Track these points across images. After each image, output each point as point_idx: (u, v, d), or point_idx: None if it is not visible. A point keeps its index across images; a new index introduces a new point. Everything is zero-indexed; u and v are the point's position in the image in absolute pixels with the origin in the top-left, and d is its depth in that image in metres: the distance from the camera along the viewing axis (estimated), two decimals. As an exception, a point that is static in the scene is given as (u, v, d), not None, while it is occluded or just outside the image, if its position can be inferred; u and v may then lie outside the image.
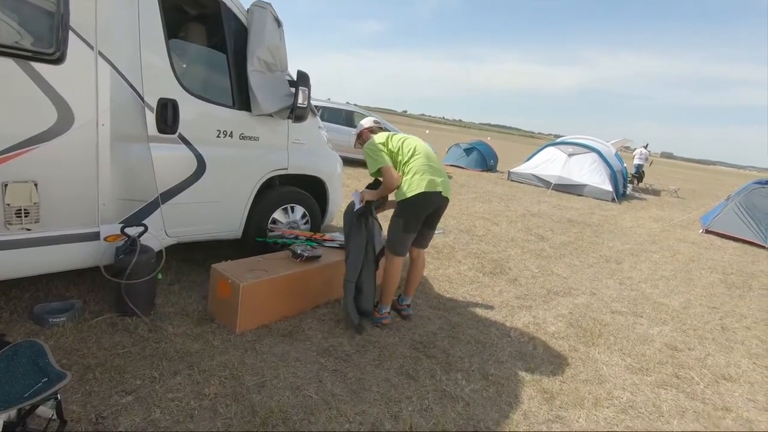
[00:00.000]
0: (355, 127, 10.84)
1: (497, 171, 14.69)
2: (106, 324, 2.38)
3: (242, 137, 3.00)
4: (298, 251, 2.88)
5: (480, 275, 4.17)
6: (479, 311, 3.33)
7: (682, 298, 4.39)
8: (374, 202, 2.86)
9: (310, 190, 3.64)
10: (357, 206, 2.79)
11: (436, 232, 2.96)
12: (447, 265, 4.30)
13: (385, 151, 2.76)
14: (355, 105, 12.26)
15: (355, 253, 2.70)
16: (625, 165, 12.96)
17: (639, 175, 15.23)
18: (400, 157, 2.74)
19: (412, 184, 2.64)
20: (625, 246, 6.41)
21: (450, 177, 2.84)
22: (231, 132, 2.92)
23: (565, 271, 4.73)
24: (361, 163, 10.65)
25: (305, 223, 3.65)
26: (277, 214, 3.43)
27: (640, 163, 15.44)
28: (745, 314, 4.20)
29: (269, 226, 3.37)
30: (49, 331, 2.22)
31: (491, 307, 3.44)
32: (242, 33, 2.89)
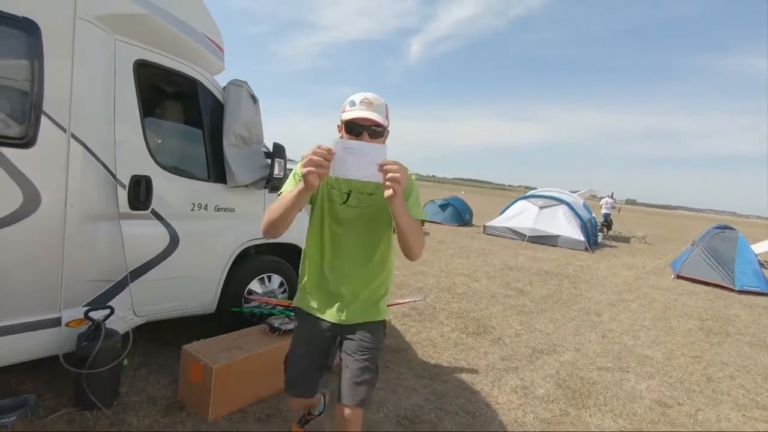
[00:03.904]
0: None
1: (473, 225, 14.97)
2: (63, 421, 2.16)
3: (217, 209, 2.97)
4: (276, 324, 2.77)
5: (463, 336, 4.08)
6: (465, 377, 3.22)
7: (665, 349, 4.39)
8: None
9: (288, 258, 3.58)
10: None
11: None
12: (429, 327, 4.20)
13: None
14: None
15: None
16: (593, 214, 13.47)
17: (608, 223, 15.81)
18: None
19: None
20: (603, 296, 6.48)
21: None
22: (206, 204, 2.90)
23: (548, 326, 4.70)
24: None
25: (283, 292, 3.55)
26: (254, 285, 3.33)
27: (608, 212, 16.10)
28: (727, 362, 4.22)
29: (245, 296, 3.26)
30: (-5, 434, 2.00)
31: (477, 372, 3.33)
32: (218, 109, 2.96)
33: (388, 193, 1.29)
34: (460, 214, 14.88)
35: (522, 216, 12.31)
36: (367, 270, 1.62)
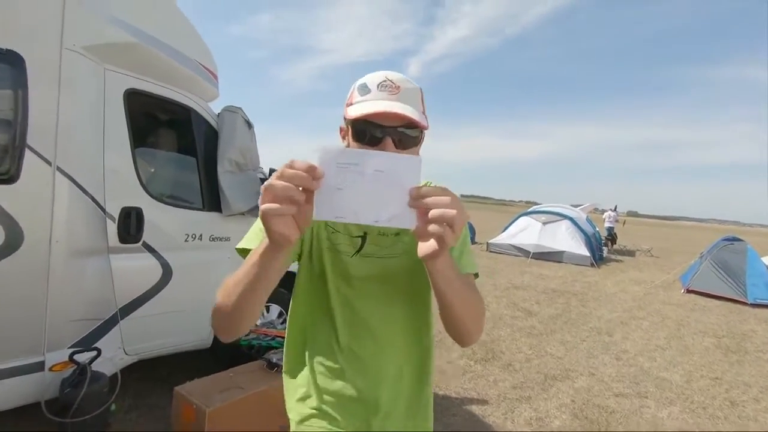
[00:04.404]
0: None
1: (476, 242, 14.80)
2: (44, 475, 2.00)
3: (212, 239, 2.86)
4: (274, 360, 2.62)
5: (472, 363, 3.91)
6: (476, 409, 3.05)
7: (682, 370, 4.20)
8: None
9: (287, 286, 3.45)
10: None
11: None
12: (437, 354, 4.01)
13: None
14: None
15: None
16: (597, 228, 13.32)
17: (612, 237, 15.64)
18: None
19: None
20: (613, 314, 6.29)
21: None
22: (200, 234, 2.79)
23: (559, 349, 4.52)
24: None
25: (282, 323, 3.41)
26: (251, 316, 3.20)
27: (611, 225, 15.95)
28: (749, 383, 4.02)
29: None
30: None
31: (488, 402, 3.16)
32: (213, 136, 2.89)
33: (427, 248, 0.66)
34: (463, 232, 14.74)
35: (525, 232, 12.16)
36: (408, 355, 0.98)
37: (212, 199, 2.85)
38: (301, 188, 0.62)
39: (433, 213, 0.62)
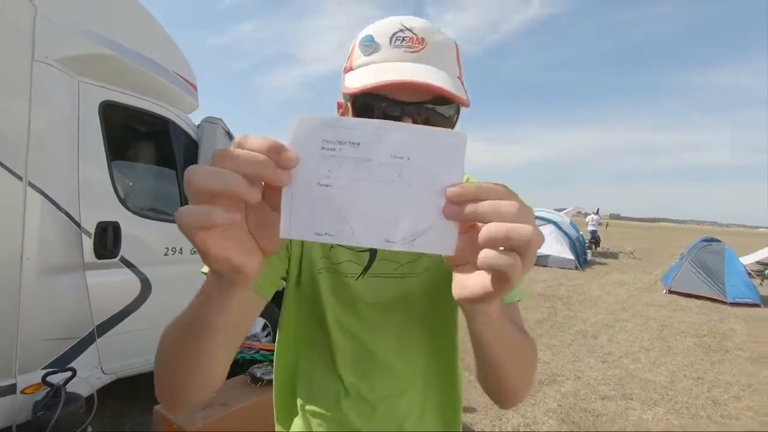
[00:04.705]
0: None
1: (462, 248, 14.88)
2: (16, 504, 1.92)
3: (193, 252, 2.81)
4: (258, 374, 2.57)
5: (459, 371, 3.90)
6: (464, 417, 3.03)
7: (666, 371, 4.27)
8: None
9: (276, 301, 3.41)
10: None
11: None
12: (424, 363, 4.02)
13: None
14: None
15: None
16: (581, 232, 13.53)
17: (595, 240, 15.90)
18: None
19: None
20: (598, 317, 6.36)
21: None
22: (180, 248, 2.74)
23: (545, 354, 4.55)
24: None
25: (266, 336, 3.36)
26: (235, 330, 3.14)
27: (594, 228, 16.23)
28: (730, 381, 4.10)
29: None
30: None
31: (476, 410, 3.15)
32: (192, 148, 2.86)
33: (473, 288, 0.39)
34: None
35: (510, 237, 12.28)
36: (435, 389, 0.77)
37: (192, 212, 2.81)
38: (262, 182, 0.35)
39: (489, 230, 0.35)
